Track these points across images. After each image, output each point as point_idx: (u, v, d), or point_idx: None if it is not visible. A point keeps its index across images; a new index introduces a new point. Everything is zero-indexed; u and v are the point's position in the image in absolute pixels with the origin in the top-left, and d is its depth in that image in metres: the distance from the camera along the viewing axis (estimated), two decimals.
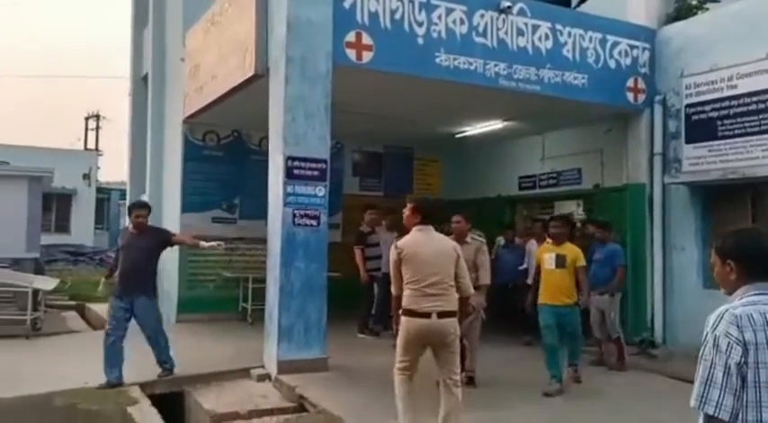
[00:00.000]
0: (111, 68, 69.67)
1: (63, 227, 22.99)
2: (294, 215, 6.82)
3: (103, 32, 72.11)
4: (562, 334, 6.52)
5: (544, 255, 6.56)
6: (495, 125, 10.51)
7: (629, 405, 6.13)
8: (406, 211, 4.94)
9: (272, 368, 6.77)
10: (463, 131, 11.15)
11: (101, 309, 11.35)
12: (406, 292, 4.71)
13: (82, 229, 23.46)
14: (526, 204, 12.08)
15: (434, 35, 7.59)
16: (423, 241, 4.79)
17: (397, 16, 7.35)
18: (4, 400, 5.60)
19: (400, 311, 4.76)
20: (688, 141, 8.66)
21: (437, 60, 7.60)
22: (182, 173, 10.51)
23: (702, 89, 8.51)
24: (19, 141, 27.63)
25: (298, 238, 6.81)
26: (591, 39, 8.65)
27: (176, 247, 10.47)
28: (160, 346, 6.73)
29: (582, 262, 6.60)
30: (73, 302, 12.72)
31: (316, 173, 6.91)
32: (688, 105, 8.68)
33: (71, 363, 5.90)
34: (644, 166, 9.12)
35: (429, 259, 4.70)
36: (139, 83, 13.60)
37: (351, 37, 7.11)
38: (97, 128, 33.91)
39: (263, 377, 6.75)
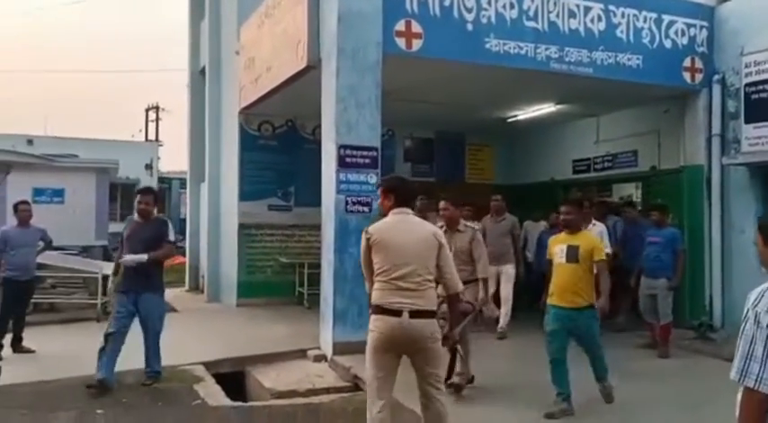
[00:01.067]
0: (170, 60, 71.65)
1: (128, 215, 23.89)
2: (347, 202, 7.02)
3: (161, 24, 73.89)
4: (579, 342, 5.39)
5: (555, 246, 5.43)
6: (548, 108, 10.44)
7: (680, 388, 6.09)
8: (380, 196, 4.25)
9: (327, 349, 7.02)
10: (515, 116, 11.11)
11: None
12: (375, 286, 3.97)
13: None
14: (581, 188, 11.97)
15: (484, 21, 7.60)
16: (396, 226, 4.00)
17: (447, 3, 7.40)
18: (78, 378, 5.98)
19: (370, 311, 4.01)
20: (747, 121, 8.42)
21: (487, 46, 7.62)
22: (239, 162, 10.86)
23: (763, 67, 8.25)
24: (86, 134, 28.78)
25: (350, 224, 7.00)
26: (645, 19, 8.48)
27: (235, 233, 10.90)
28: (156, 347, 6.13)
29: (600, 255, 5.34)
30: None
31: (367, 160, 7.07)
32: (748, 84, 8.42)
33: (137, 344, 6.26)
34: (702, 148, 8.92)
35: (402, 246, 3.91)
36: (197, 75, 14.01)
37: (400, 26, 7.20)
38: (157, 119, 34.93)
39: (320, 358, 7.01)
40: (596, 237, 5.74)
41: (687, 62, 8.77)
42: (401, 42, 7.21)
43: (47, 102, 63.57)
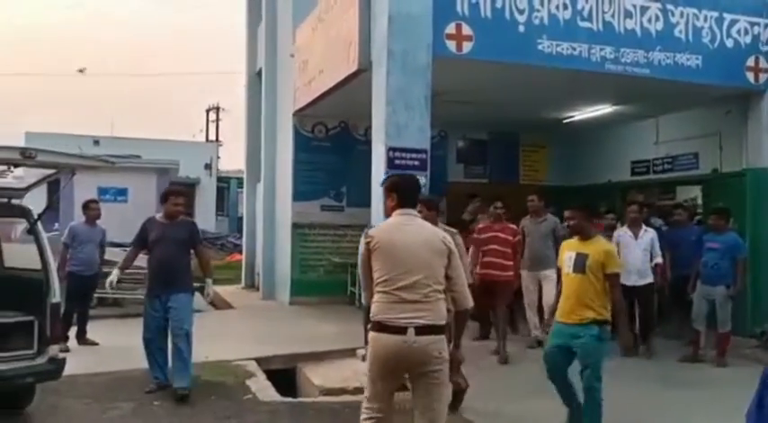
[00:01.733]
0: (232, 62, 73.39)
1: (188, 214, 24.55)
2: None
3: (223, 25, 75.66)
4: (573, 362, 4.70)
5: (564, 253, 4.87)
6: (604, 109, 10.25)
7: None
8: (384, 196, 3.77)
9: None
10: (570, 116, 10.95)
11: (221, 289, 12.24)
12: (375, 299, 3.45)
13: (204, 216, 25.02)
14: (639, 190, 11.69)
15: (536, 22, 7.53)
16: (401, 228, 3.51)
17: (498, 5, 7.37)
18: (138, 370, 6.24)
19: (369, 326, 3.50)
20: None
21: (539, 47, 7.55)
22: (292, 163, 11.08)
23: None
24: (150, 134, 29.79)
25: None
26: (705, 18, 8.23)
27: (289, 232, 11.11)
28: (186, 354, 5.83)
29: (613, 267, 4.64)
30: (197, 284, 13.71)
31: (416, 163, 7.11)
32: None
33: (195, 339, 6.47)
34: (765, 150, 8.60)
35: (407, 252, 3.41)
36: (254, 77, 14.35)
37: (451, 28, 7.21)
38: (217, 120, 35.89)
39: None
40: (610, 245, 5.06)
41: (750, 62, 8.46)
42: (451, 45, 7.23)
43: (114, 103, 66.08)
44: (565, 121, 11.19)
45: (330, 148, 11.23)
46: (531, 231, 8.01)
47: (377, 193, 7.32)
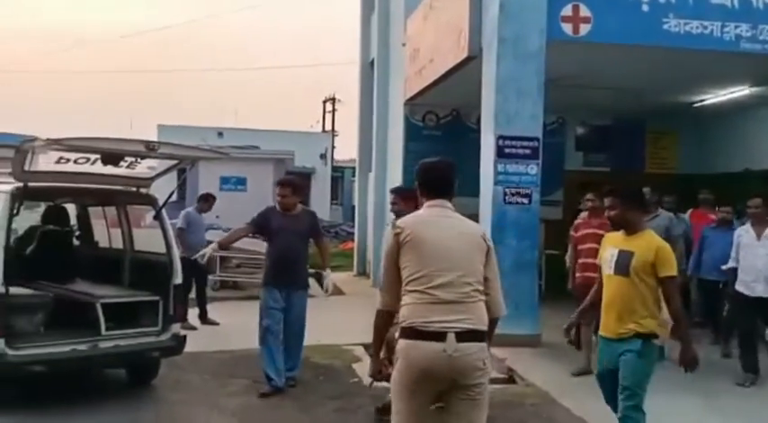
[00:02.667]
0: (348, 52, 75.03)
1: (304, 203, 25.39)
2: (505, 193, 6.95)
3: (338, 17, 77.35)
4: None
5: (605, 250, 3.97)
6: (741, 91, 9.50)
7: None
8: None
9: None
10: (702, 100, 10.25)
11: (333, 276, 12.55)
12: (405, 300, 2.96)
13: (319, 205, 25.77)
14: None
15: (661, 0, 7.08)
16: (435, 221, 3.08)
17: None
18: (253, 349, 6.51)
19: (396, 335, 3.02)
20: None
21: (665, 26, 7.09)
22: (403, 152, 11.13)
23: None
24: (269, 126, 31.02)
25: (509, 215, 6.92)
26: None
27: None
28: (300, 348, 5.94)
29: (667, 270, 3.71)
30: (312, 270, 14.18)
31: (527, 151, 6.94)
32: None
33: (307, 322, 6.69)
34: None
35: (444, 246, 2.98)
36: (367, 67, 14.53)
37: (567, 11, 6.93)
38: (333, 110, 36.72)
39: None
40: (662, 241, 3.89)
41: None
42: (567, 28, 6.95)
43: (238, 95, 69.46)
44: (696, 105, 10.49)
45: (441, 137, 11.17)
46: None
47: (485, 183, 7.21)
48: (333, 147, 28.31)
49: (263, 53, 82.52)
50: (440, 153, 11.75)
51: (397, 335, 3.00)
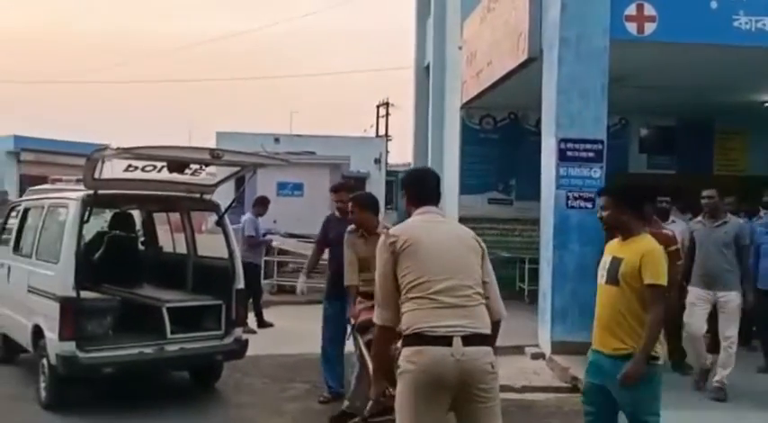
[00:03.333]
0: (402, 57, 75.17)
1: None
2: (567, 197, 6.80)
3: (393, 22, 77.65)
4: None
5: (604, 258, 3.60)
6: None
7: None
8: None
9: (545, 348, 6.87)
10: None
11: None
12: (407, 307, 2.89)
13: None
14: None
15: None
16: (429, 226, 3.05)
17: None
18: (312, 354, 6.52)
19: (398, 345, 2.94)
20: None
21: (735, 24, 6.83)
22: (459, 156, 11.05)
23: None
24: (323, 131, 31.34)
25: (571, 220, 6.76)
26: None
27: None
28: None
29: (650, 276, 3.30)
30: None
31: (591, 154, 6.77)
32: None
33: None
34: None
35: (442, 250, 2.95)
36: (422, 71, 14.52)
37: (631, 10, 6.76)
38: (387, 114, 36.76)
39: (537, 356, 6.88)
40: (655, 245, 3.46)
41: None
42: (631, 27, 6.76)
43: (293, 101, 70.45)
44: (767, 104, 10.04)
45: (498, 140, 11.04)
46: (702, 238, 5.81)
47: (546, 186, 7.07)
48: (387, 151, 28.33)
49: (317, 60, 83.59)
50: (499, 156, 11.74)
51: (398, 344, 2.93)
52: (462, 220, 11.02)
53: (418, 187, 3.21)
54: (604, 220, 3.56)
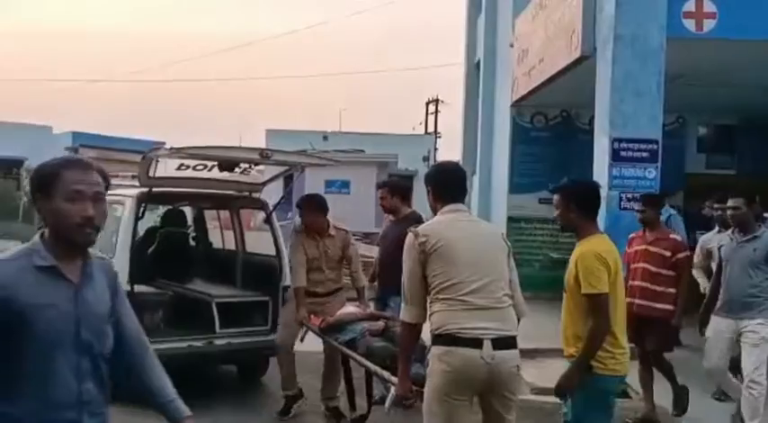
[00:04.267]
0: (451, 54, 74.78)
1: (408, 205, 25.61)
2: (620, 198, 6.64)
3: (443, 19, 77.41)
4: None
5: None
6: None
7: None
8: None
9: None
10: None
11: None
12: (437, 307, 2.89)
13: (422, 208, 25.75)
14: None
15: None
16: (458, 225, 3.01)
17: None
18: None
19: (429, 346, 2.97)
20: None
21: None
22: (509, 155, 10.90)
23: None
24: (371, 128, 31.47)
25: (623, 221, 6.58)
26: None
27: (504, 226, 10.98)
28: None
29: (584, 285, 3.15)
30: None
31: (645, 154, 6.60)
32: None
33: None
34: None
35: (473, 251, 2.92)
36: (473, 69, 14.39)
37: (689, 6, 6.55)
38: (436, 111, 36.62)
39: None
40: (597, 246, 3.24)
41: None
42: (690, 24, 6.55)
43: (342, 99, 70.92)
44: None
45: (549, 138, 10.84)
46: (730, 255, 4.86)
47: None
48: (435, 149, 28.24)
49: (365, 57, 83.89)
50: (550, 155, 11.57)
51: (428, 343, 2.96)
52: (512, 219, 10.90)
53: (445, 184, 3.15)
54: (557, 218, 3.43)
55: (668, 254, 5.17)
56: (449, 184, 3.15)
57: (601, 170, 6.85)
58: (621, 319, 3.28)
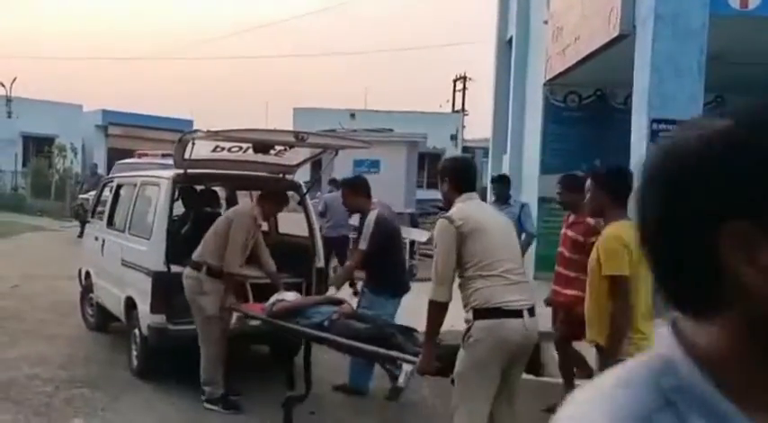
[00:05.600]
0: (480, 29, 73.65)
1: (434, 184, 25.19)
2: None
3: None
4: None
5: None
6: None
7: None
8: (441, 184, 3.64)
9: None
10: None
11: None
12: (479, 284, 3.22)
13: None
14: None
15: None
16: (483, 211, 3.57)
17: None
18: None
19: (469, 318, 3.28)
20: None
21: None
22: (542, 135, 10.73)
23: None
24: (397, 106, 31.27)
25: None
26: None
27: (535, 206, 10.87)
28: None
29: (607, 268, 3.34)
30: None
31: None
32: None
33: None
34: None
35: (501, 234, 3.38)
36: (504, 46, 14.14)
37: None
38: (464, 89, 36.34)
39: None
40: (625, 233, 3.25)
41: None
42: (734, 2, 6.33)
43: (367, 75, 70.40)
44: None
45: (583, 117, 10.64)
46: None
47: (637, 168, 6.78)
48: (463, 126, 28.01)
49: (390, 35, 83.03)
50: (583, 135, 11.36)
51: (470, 316, 3.28)
52: (542, 200, 10.76)
53: (465, 175, 3.59)
54: (587, 203, 3.62)
55: (581, 238, 4.98)
56: (468, 176, 3.61)
57: (638, 152, 6.69)
58: (644, 304, 3.32)
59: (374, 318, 4.47)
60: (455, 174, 3.55)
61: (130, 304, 5.71)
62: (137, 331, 5.58)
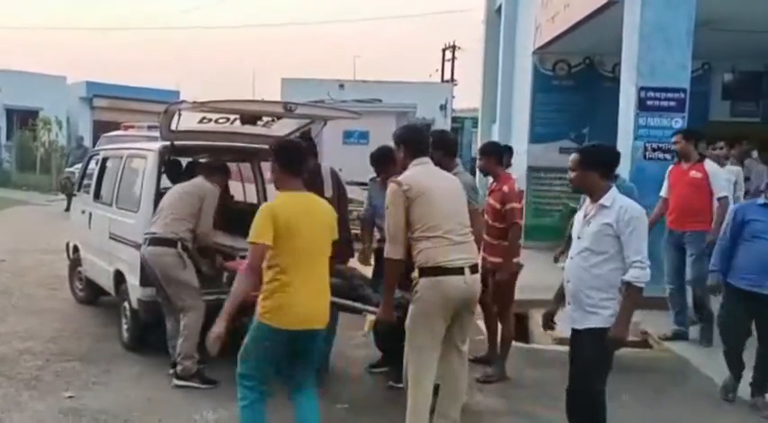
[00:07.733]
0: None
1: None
2: (645, 148, 6.57)
3: None
4: None
5: None
6: None
7: None
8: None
9: None
10: None
11: None
12: (423, 245, 3.52)
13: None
14: None
15: None
16: (430, 175, 3.72)
17: None
18: None
19: (414, 275, 3.58)
20: None
21: None
22: (530, 104, 10.73)
23: None
24: (386, 76, 31.04)
25: (648, 172, 6.54)
26: None
27: (524, 176, 10.88)
28: None
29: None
30: None
31: (672, 103, 6.48)
32: None
33: None
34: None
35: (446, 196, 3.63)
36: (493, 14, 14.03)
37: None
38: (453, 58, 35.98)
39: None
40: None
41: None
42: None
43: (355, 46, 69.69)
44: None
45: (572, 86, 10.64)
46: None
47: (623, 137, 6.81)
48: (452, 96, 27.81)
49: (380, 3, 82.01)
50: (572, 103, 11.37)
51: (415, 274, 3.57)
52: (532, 169, 10.79)
53: (417, 141, 3.82)
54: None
55: (498, 205, 5.00)
56: (420, 142, 3.85)
57: (626, 120, 6.74)
58: None
59: (350, 275, 4.61)
60: (407, 140, 3.81)
61: (119, 278, 5.69)
62: (126, 305, 5.56)
